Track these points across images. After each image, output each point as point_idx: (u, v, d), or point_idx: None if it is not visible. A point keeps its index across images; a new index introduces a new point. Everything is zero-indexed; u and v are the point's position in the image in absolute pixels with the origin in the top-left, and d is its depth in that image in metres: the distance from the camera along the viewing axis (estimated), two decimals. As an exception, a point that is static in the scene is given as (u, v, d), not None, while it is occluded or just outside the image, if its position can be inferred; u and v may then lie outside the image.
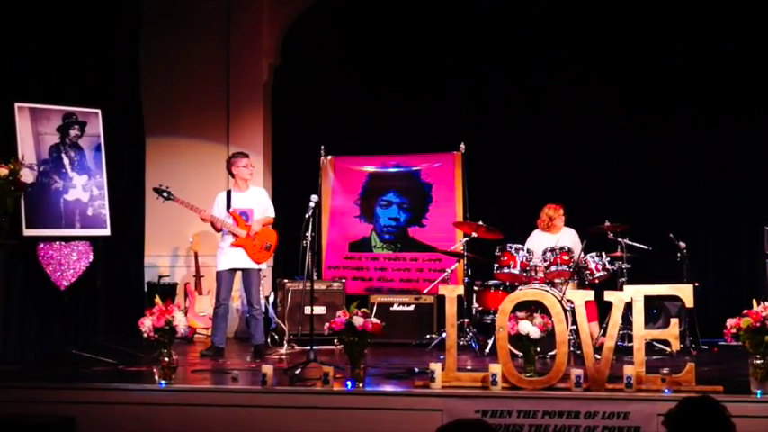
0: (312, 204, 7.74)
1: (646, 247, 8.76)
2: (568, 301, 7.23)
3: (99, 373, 7.23)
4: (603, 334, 7.59)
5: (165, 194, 8.42)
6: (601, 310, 8.14)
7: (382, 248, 10.58)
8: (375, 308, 8.94)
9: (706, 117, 9.90)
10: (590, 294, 6.77)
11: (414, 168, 10.52)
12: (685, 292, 6.41)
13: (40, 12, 8.33)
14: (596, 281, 8.47)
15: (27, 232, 7.80)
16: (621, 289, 7.16)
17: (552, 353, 6.97)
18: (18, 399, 6.47)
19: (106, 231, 8.42)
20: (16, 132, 7.87)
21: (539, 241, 8.94)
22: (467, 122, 10.37)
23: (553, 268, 8.52)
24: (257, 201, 8.65)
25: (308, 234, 7.87)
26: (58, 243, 8.06)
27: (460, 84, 10.47)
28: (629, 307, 6.49)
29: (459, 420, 3.32)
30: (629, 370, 6.12)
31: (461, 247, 9.18)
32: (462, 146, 10.12)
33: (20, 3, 8.09)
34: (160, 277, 10.24)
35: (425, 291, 9.57)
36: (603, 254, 8.57)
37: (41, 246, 7.96)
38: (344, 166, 10.63)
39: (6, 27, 7.87)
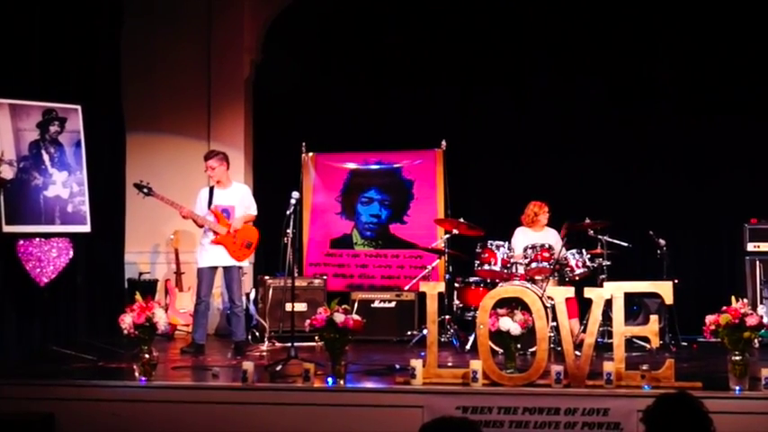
0: (293, 201, 7.73)
1: (626, 245, 8.81)
2: (549, 297, 7.25)
3: (79, 369, 7.20)
4: (584, 331, 7.62)
5: (145, 190, 8.39)
6: (581, 307, 8.17)
7: (363, 245, 10.58)
8: (356, 305, 8.96)
9: (687, 114, 9.96)
10: (570, 291, 6.80)
11: (395, 165, 10.52)
12: (665, 289, 6.45)
13: (22, 7, 8.27)
14: (576, 278, 8.51)
15: (6, 229, 7.75)
16: (601, 286, 7.22)
17: (533, 349, 7.00)
18: (-3, 395, 6.45)
19: (86, 228, 8.38)
20: (-5, 128, 7.83)
21: (523, 239, 8.95)
22: (448, 119, 10.38)
23: (533, 265, 8.55)
24: (239, 198, 8.63)
25: (290, 231, 7.88)
26: (37, 240, 8.02)
27: (442, 81, 10.48)
28: (609, 304, 6.52)
29: (443, 418, 3.33)
30: (608, 366, 6.16)
31: (442, 244, 9.21)
32: (444, 143, 10.14)
33: (0, -2, 8.05)
34: (140, 274, 10.20)
35: (406, 288, 9.58)
36: (584, 251, 8.62)
37: (21, 242, 7.92)
38: (326, 162, 10.62)
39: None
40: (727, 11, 9.80)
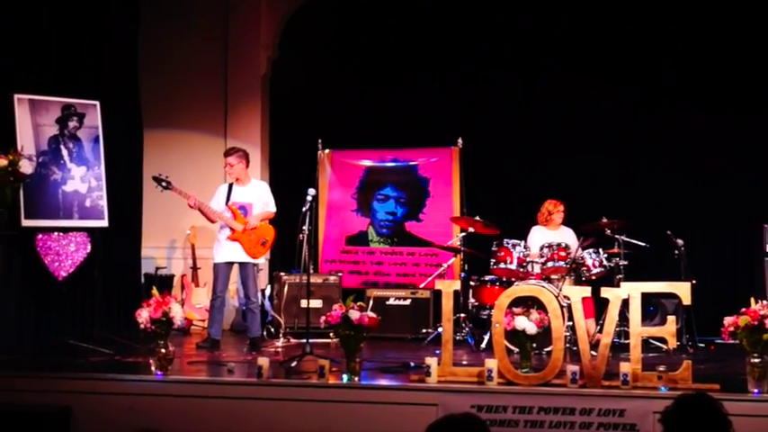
0: (309, 198, 7.75)
1: (643, 244, 8.77)
2: (565, 297, 7.23)
3: (96, 363, 7.24)
4: (600, 331, 7.59)
5: (164, 184, 8.40)
6: (597, 307, 8.16)
7: (379, 243, 10.58)
8: (371, 302, 8.97)
9: (705, 114, 9.87)
10: (587, 291, 6.77)
11: (411, 163, 10.53)
12: (683, 290, 6.42)
13: (40, 3, 8.31)
14: (593, 277, 8.48)
15: (25, 223, 7.81)
16: (618, 286, 7.19)
17: (548, 349, 7.00)
18: (15, 388, 6.49)
19: (104, 223, 8.43)
20: (15, 124, 7.87)
21: (540, 237, 8.94)
22: (465, 117, 10.36)
23: (550, 264, 8.53)
24: (258, 195, 8.64)
25: (305, 227, 7.87)
26: (56, 234, 8.08)
27: (459, 78, 10.45)
28: (625, 304, 6.50)
29: (448, 416, 3.33)
30: (625, 367, 6.13)
31: (458, 243, 9.21)
32: (460, 141, 10.14)
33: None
34: (157, 269, 10.23)
35: (422, 285, 9.59)
36: (601, 250, 8.59)
37: (40, 236, 7.98)
38: (342, 159, 10.63)
39: (6, 19, 7.85)
40: (745, 10, 9.73)
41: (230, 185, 8.59)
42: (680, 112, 9.98)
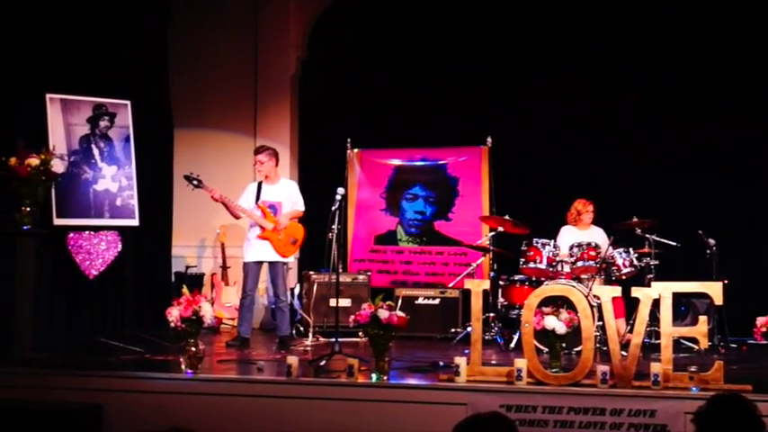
0: (338, 197, 7.77)
1: (674, 244, 8.70)
2: (595, 296, 7.19)
3: (126, 361, 7.28)
4: (630, 331, 7.54)
5: (194, 182, 8.44)
6: (628, 307, 8.10)
7: (408, 242, 10.58)
8: (400, 301, 8.95)
9: (737, 112, 9.79)
10: (617, 290, 6.72)
11: (440, 162, 10.51)
12: (714, 290, 6.36)
13: (71, 3, 8.38)
14: (623, 277, 8.43)
15: (57, 222, 7.89)
16: (649, 285, 7.13)
17: (578, 349, 6.96)
18: (47, 386, 6.54)
19: (135, 221, 8.49)
20: (47, 123, 7.94)
21: (569, 237, 8.89)
22: (494, 116, 10.31)
23: (580, 264, 8.49)
24: (287, 194, 8.66)
25: (334, 227, 7.89)
26: (87, 233, 8.14)
27: (489, 78, 10.41)
28: (656, 304, 6.45)
29: (475, 415, 3.33)
30: (656, 367, 6.09)
31: (487, 242, 9.18)
32: (489, 140, 10.12)
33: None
34: (187, 267, 10.29)
35: (451, 285, 9.57)
36: (631, 250, 8.53)
37: (71, 235, 8.04)
38: (371, 159, 10.64)
39: (37, 19, 7.92)
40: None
41: (259, 184, 8.62)
42: (713, 112, 9.87)
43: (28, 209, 7.29)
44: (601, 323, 7.25)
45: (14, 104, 7.73)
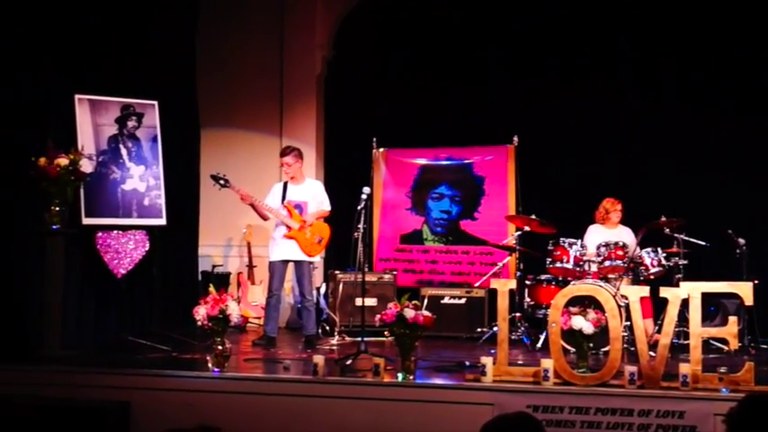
0: (364, 196, 7.78)
1: (703, 243, 8.62)
2: (623, 296, 7.15)
3: (154, 359, 7.33)
4: (658, 331, 7.50)
5: (221, 182, 8.47)
6: (656, 307, 8.04)
7: (434, 241, 10.56)
8: (426, 300, 8.92)
9: (766, 111, 9.69)
10: (645, 290, 6.69)
11: (466, 161, 10.49)
12: (744, 290, 6.31)
13: (99, 4, 8.43)
14: (651, 277, 8.37)
15: (86, 221, 7.95)
16: (678, 285, 7.07)
17: (605, 349, 6.91)
18: (76, 383, 6.60)
19: (162, 221, 8.54)
20: (76, 123, 8.00)
21: (597, 236, 8.85)
22: (520, 115, 10.27)
23: (607, 263, 8.44)
24: (312, 194, 8.67)
25: (360, 226, 7.90)
26: (115, 232, 8.20)
27: (515, 76, 10.37)
28: (685, 304, 6.40)
29: (502, 416, 3.32)
30: (684, 368, 6.04)
31: (513, 241, 9.15)
32: (516, 139, 10.08)
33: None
34: (214, 267, 10.34)
35: (477, 284, 9.54)
36: (659, 249, 8.47)
37: (99, 234, 8.10)
38: (397, 158, 10.64)
39: (65, 20, 7.97)
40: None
41: (285, 184, 8.64)
42: (740, 110, 9.77)
43: (57, 208, 7.36)
44: (628, 323, 7.20)
45: (44, 105, 7.78)
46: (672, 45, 9.92)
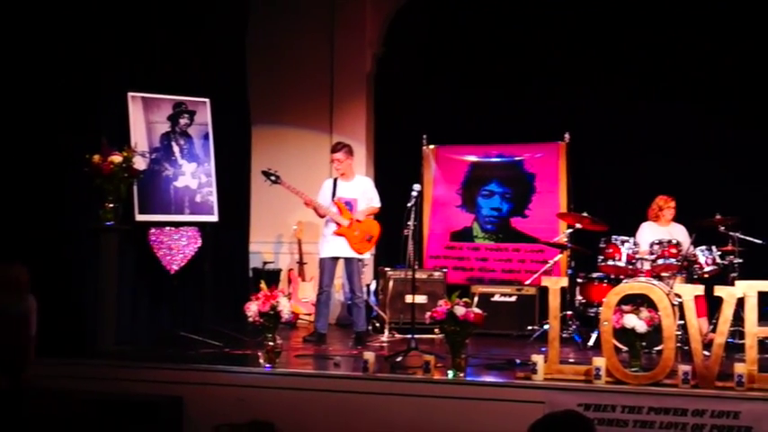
0: (414, 193, 7.78)
1: (759, 242, 8.47)
2: (676, 295, 7.05)
3: (206, 355, 7.41)
4: (713, 330, 7.39)
5: (272, 178, 8.51)
6: (710, 306, 7.92)
7: (484, 238, 10.52)
8: (476, 298, 8.89)
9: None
10: (699, 289, 6.60)
11: (517, 158, 10.42)
12: (802, 289, 6.19)
13: (151, 3, 8.53)
14: (706, 275, 8.25)
15: (139, 218, 8.05)
16: (733, 284, 6.96)
17: (658, 348, 6.82)
18: (129, 378, 6.70)
19: (214, 217, 8.62)
20: (129, 121, 8.10)
21: (650, 234, 8.74)
22: (572, 111, 10.16)
23: (660, 261, 8.33)
24: (362, 191, 8.68)
25: (410, 223, 7.89)
26: (168, 228, 8.28)
27: (566, 73, 10.26)
28: (740, 303, 6.30)
29: (551, 414, 3.30)
30: (740, 368, 5.96)
31: (565, 239, 9.07)
32: (567, 135, 9.99)
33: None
34: (264, 263, 10.41)
35: (527, 282, 9.48)
36: (714, 248, 8.34)
37: (152, 231, 8.20)
38: (447, 155, 10.61)
39: (118, 19, 8.07)
40: None
41: (335, 181, 8.66)
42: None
43: (111, 205, 7.45)
44: (682, 322, 7.10)
45: (97, 103, 7.89)
46: (721, 42, 9.73)
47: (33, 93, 7.53)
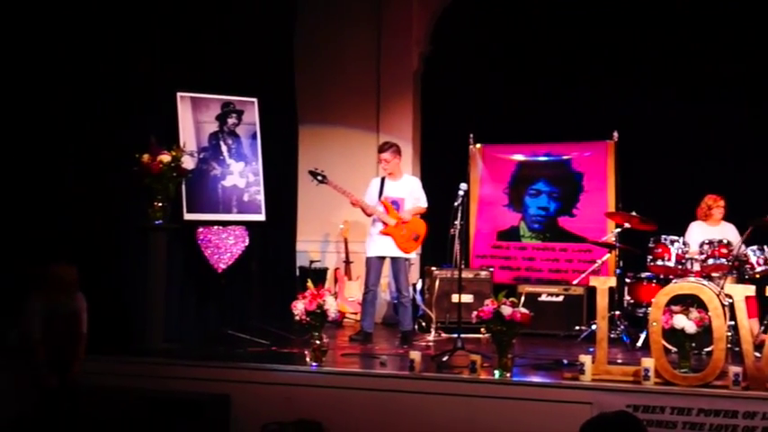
0: (461, 193, 7.75)
1: (812, 242, 8.32)
2: (727, 295, 6.95)
3: (253, 353, 7.45)
4: (765, 331, 7.28)
5: (319, 177, 8.54)
6: (761, 307, 7.79)
7: (531, 238, 10.45)
8: (523, 298, 8.85)
9: None
10: (750, 289, 6.50)
11: (564, 157, 10.34)
12: None
13: (201, 3, 8.60)
14: (757, 276, 8.10)
15: (187, 216, 8.13)
16: (785, 285, 6.86)
17: (708, 349, 6.73)
18: (177, 376, 6.76)
19: (261, 217, 8.67)
20: (178, 120, 8.18)
21: (699, 233, 8.63)
22: (620, 110, 10.05)
23: (710, 261, 8.22)
24: (409, 190, 8.68)
25: (457, 222, 7.87)
26: (215, 227, 8.36)
27: (613, 71, 10.17)
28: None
29: (602, 414, 3.27)
30: (792, 369, 5.86)
31: (613, 238, 8.98)
32: (615, 134, 9.89)
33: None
34: (311, 262, 10.45)
35: (575, 282, 9.40)
36: (766, 247, 8.20)
37: (200, 230, 8.27)
38: (494, 154, 10.56)
39: (167, 19, 8.15)
40: None
41: (382, 180, 8.67)
42: None
43: (160, 204, 7.51)
44: (733, 323, 7.00)
45: (147, 103, 7.98)
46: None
47: (83, 93, 7.64)
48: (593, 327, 7.51)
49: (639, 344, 8.05)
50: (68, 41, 7.60)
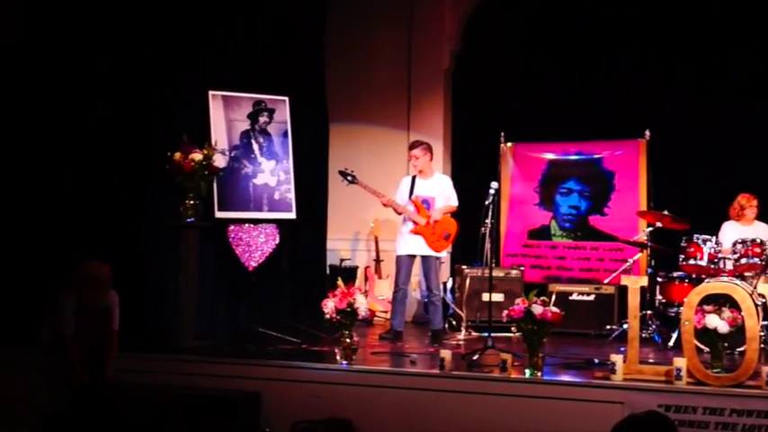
0: (492, 191, 7.74)
1: None
2: (760, 295, 6.88)
3: (284, 351, 7.48)
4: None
5: (349, 178, 8.57)
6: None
7: (562, 237, 10.41)
8: (554, 297, 8.82)
9: None
10: (784, 289, 6.43)
11: (595, 156, 10.29)
12: None
13: (230, 3, 8.64)
14: (791, 275, 8.03)
15: (219, 214, 8.17)
16: (819, 284, 6.78)
17: (741, 349, 6.67)
18: (208, 373, 6.81)
19: (292, 215, 8.71)
20: (210, 119, 8.23)
21: (732, 233, 8.55)
22: (652, 108, 9.98)
23: (743, 261, 8.14)
24: (440, 189, 8.68)
25: (488, 221, 7.87)
26: (247, 225, 8.40)
27: (645, 70, 10.09)
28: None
29: (633, 415, 3.26)
30: (826, 370, 5.79)
31: (645, 237, 8.92)
32: (647, 133, 9.82)
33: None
34: (341, 260, 10.47)
35: (606, 281, 9.34)
36: (800, 247, 8.12)
37: (232, 227, 8.32)
38: (524, 152, 10.52)
39: (199, 18, 8.20)
40: None
41: (413, 178, 8.67)
42: None
43: (191, 202, 7.57)
44: (766, 323, 6.93)
45: (179, 101, 8.03)
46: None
47: (117, 92, 7.70)
48: (625, 326, 7.47)
49: (671, 343, 7.98)
50: (104, 41, 7.67)
